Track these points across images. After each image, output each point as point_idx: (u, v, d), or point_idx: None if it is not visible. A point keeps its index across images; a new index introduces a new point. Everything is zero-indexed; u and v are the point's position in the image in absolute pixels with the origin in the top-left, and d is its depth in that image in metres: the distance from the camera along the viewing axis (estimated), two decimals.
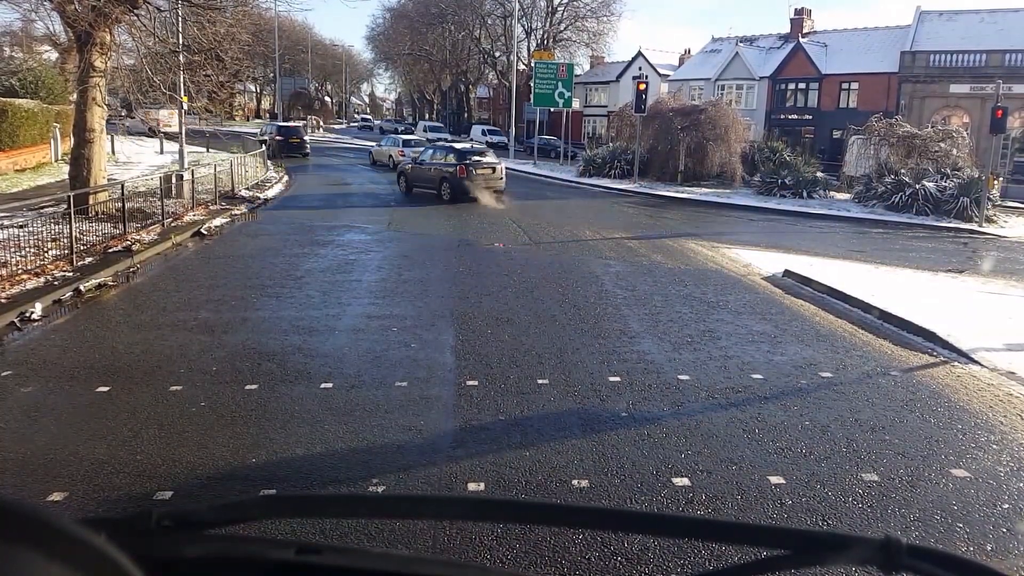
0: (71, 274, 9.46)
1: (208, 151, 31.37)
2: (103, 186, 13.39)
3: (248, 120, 65.89)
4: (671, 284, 9.70)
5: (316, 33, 76.47)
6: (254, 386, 5.68)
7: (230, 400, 5.41)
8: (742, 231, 15.74)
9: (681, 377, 6.02)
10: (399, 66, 69.20)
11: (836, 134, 36.91)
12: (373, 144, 36.93)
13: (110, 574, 0.53)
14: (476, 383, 5.81)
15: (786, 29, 42.66)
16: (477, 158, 19.05)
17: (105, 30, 12.42)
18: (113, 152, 28.04)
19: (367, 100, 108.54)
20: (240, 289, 9.09)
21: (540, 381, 5.88)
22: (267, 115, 70.54)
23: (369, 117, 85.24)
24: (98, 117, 13.33)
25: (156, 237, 12.30)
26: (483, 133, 45.43)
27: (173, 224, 13.62)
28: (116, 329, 7.47)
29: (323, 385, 5.72)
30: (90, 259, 10.38)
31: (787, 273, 10.31)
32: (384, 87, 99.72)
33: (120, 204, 13.40)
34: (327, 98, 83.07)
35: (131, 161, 26.72)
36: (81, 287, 8.95)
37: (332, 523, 3.45)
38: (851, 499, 4.13)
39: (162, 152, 29.67)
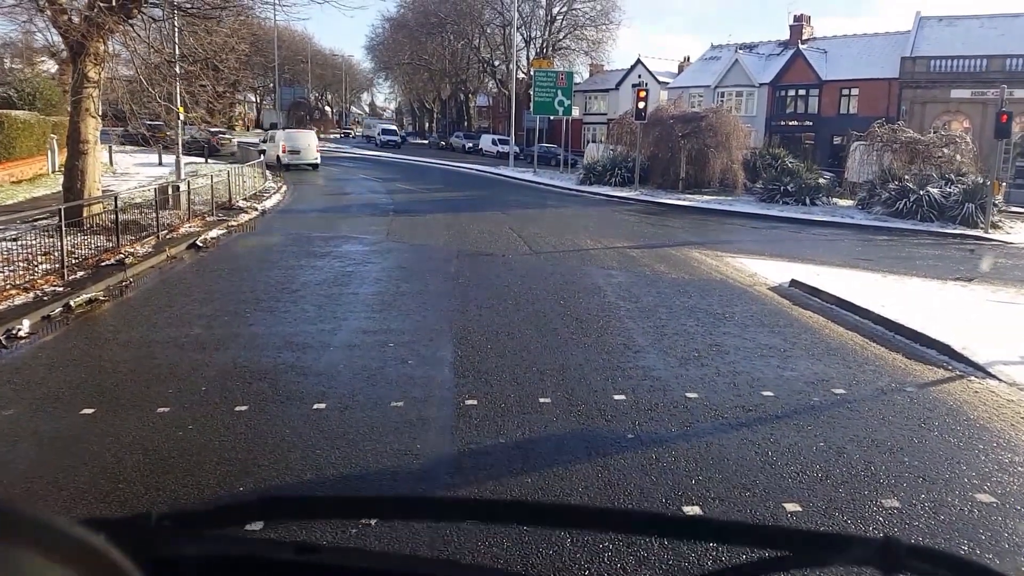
0: (61, 289, 9.25)
1: (207, 162, 31.29)
2: (97, 198, 13.20)
3: (248, 130, 65.83)
4: (675, 295, 9.48)
5: (316, 43, 76.61)
6: (244, 407, 5.45)
7: (219, 423, 5.19)
8: (746, 239, 15.52)
9: (689, 395, 5.79)
10: (399, 75, 69.22)
11: (837, 140, 36.86)
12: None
13: (110, 574, 0.53)
14: (475, 402, 5.58)
15: (784, 36, 42.62)
16: None
17: (99, 40, 12.26)
18: (111, 163, 27.93)
19: (367, 110, 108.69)
20: (234, 303, 8.88)
21: (542, 400, 5.65)
22: (269, 125, 70.49)
23: (392, 128, 67.57)
24: (92, 128, 13.15)
25: (150, 250, 12.09)
26: (493, 143, 47.23)
27: (168, 236, 13.41)
28: (105, 347, 7.26)
29: (316, 406, 5.49)
30: (82, 273, 10.16)
31: (794, 283, 10.08)
32: (384, 96, 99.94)
33: (114, 216, 13.26)
34: (327, 108, 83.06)
35: (129, 172, 26.57)
36: (71, 302, 8.73)
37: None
38: (872, 527, 3.90)
39: (161, 163, 29.53)
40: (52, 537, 0.50)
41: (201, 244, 13.10)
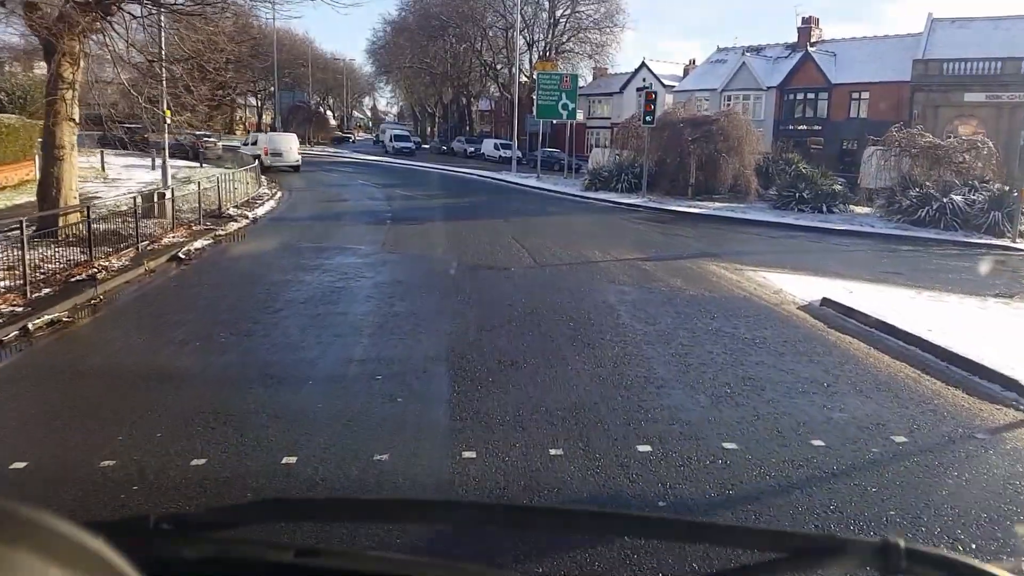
0: (21, 309, 8.40)
1: (201, 166, 30.53)
2: (73, 207, 12.36)
3: (248, 134, 65.08)
4: (696, 316, 8.60)
5: (317, 47, 75.93)
6: (201, 461, 4.60)
7: (167, 483, 4.34)
8: (764, 250, 14.65)
9: (726, 445, 4.91)
10: (400, 79, 68.51)
11: (847, 145, 35.97)
12: None
13: None
14: (474, 455, 4.72)
15: (786, 40, 41.80)
16: None
17: (73, 39, 11.45)
18: (103, 168, 27.17)
19: (369, 114, 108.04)
20: (210, 325, 8.03)
21: (553, 451, 4.79)
22: (268, 129, 69.75)
23: (405, 134, 60.05)
24: (68, 132, 12.35)
25: (127, 263, 11.25)
26: (495, 147, 46.71)
27: (149, 247, 12.57)
28: (56, 380, 6.41)
29: (285, 460, 4.63)
30: (48, 290, 9.31)
31: (825, 302, 9.20)
32: (386, 101, 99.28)
33: (95, 226, 12.46)
34: (328, 112, 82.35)
35: (120, 178, 25.76)
36: (29, 325, 7.89)
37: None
38: None
39: (154, 167, 28.73)
40: (52, 539, 0.50)
41: (184, 256, 12.26)
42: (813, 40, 40.57)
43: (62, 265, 10.40)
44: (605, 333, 7.81)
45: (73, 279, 9.96)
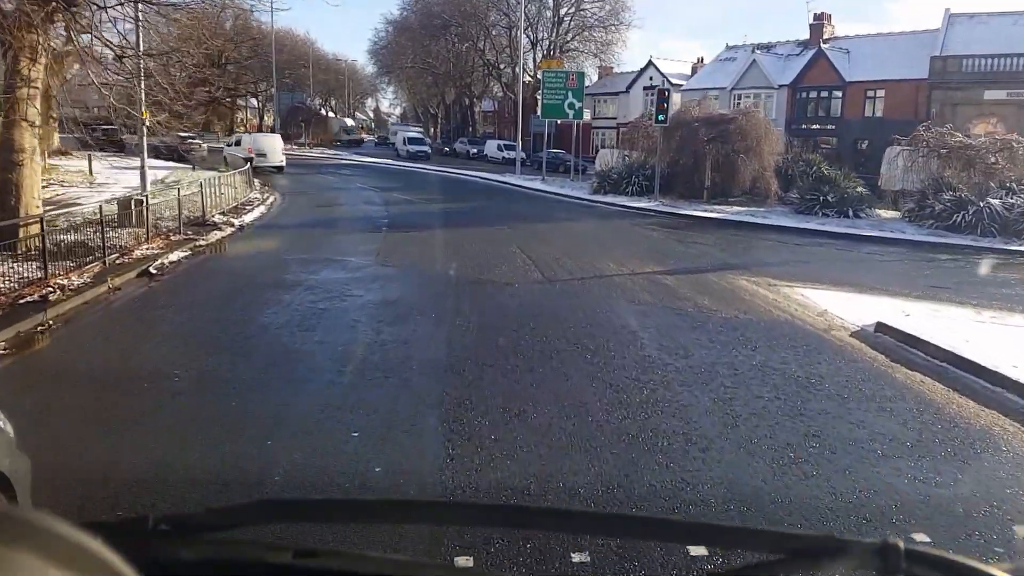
0: None
1: (194, 169, 29.45)
2: (32, 216, 11.21)
3: (231, 135, 64.03)
4: (735, 345, 7.39)
5: (318, 48, 74.93)
6: None
7: None
8: (793, 260, 13.42)
9: None
10: (402, 80, 67.48)
11: (861, 144, 34.72)
12: None
13: None
14: (471, 563, 3.53)
15: (798, 38, 40.52)
16: None
17: (32, 31, 10.32)
18: (91, 172, 26.15)
19: (372, 115, 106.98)
20: (167, 359, 6.85)
21: (576, 557, 3.59)
22: (268, 130, 68.62)
23: (419, 136, 56.92)
24: (29, 135, 11.22)
25: (89, 280, 10.09)
26: (499, 148, 45.92)
27: (118, 261, 11.42)
28: None
29: None
30: None
31: (881, 327, 7.98)
32: (388, 102, 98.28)
33: (64, 237, 11.36)
34: (329, 113, 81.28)
35: (108, 182, 24.63)
36: None
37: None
38: None
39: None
40: (51, 540, 0.50)
41: (155, 271, 11.11)
42: (826, 37, 39.30)
43: (14, 284, 9.26)
44: (629, 369, 6.61)
45: (22, 301, 8.82)
